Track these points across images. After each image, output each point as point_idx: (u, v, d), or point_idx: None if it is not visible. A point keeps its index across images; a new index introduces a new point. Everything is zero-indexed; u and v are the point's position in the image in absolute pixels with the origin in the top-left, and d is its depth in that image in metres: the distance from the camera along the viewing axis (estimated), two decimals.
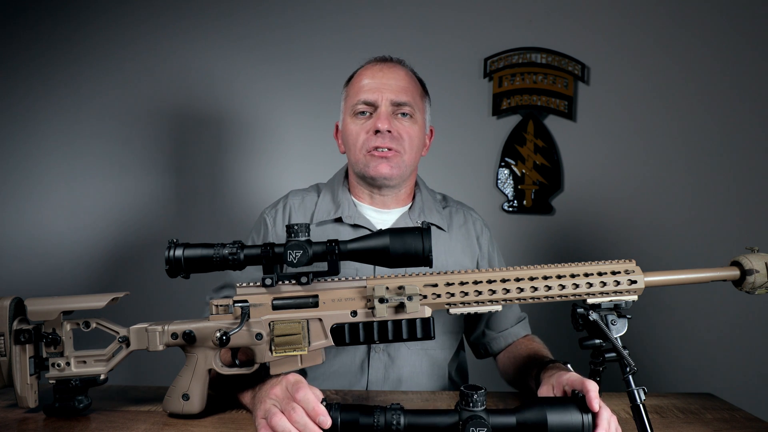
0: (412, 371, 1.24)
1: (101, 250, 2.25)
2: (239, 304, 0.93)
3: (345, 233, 1.26)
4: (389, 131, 1.22)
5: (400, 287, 0.92)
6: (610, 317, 0.91)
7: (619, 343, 0.89)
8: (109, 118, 2.26)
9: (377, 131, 1.21)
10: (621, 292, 0.92)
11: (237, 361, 0.99)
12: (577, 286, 0.92)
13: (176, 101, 2.26)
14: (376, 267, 1.22)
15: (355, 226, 1.27)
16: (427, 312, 0.93)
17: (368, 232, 1.24)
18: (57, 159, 2.25)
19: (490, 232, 1.40)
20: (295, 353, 0.93)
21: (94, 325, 0.98)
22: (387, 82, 1.23)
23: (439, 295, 0.93)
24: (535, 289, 0.92)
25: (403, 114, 1.24)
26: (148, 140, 2.26)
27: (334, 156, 1.37)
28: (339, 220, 1.28)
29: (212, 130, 2.27)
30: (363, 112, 1.24)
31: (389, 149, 1.22)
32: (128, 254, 2.26)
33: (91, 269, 2.24)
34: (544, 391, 0.96)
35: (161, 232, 2.25)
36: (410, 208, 1.32)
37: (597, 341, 0.93)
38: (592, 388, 0.84)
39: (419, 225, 1.27)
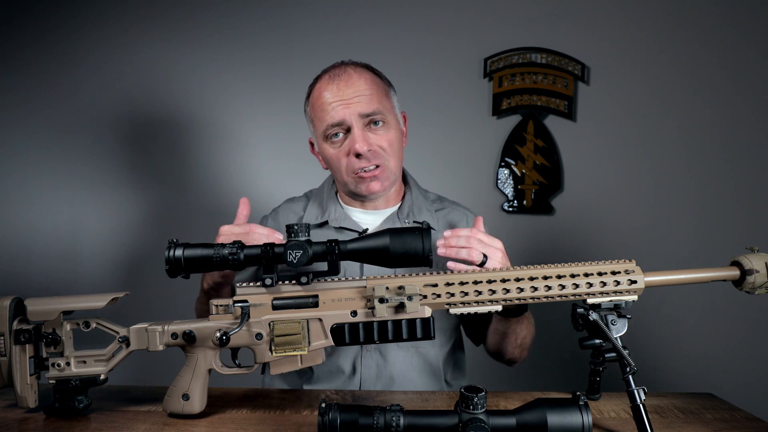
0: (404, 368, 1.23)
1: (101, 250, 2.25)
2: (239, 304, 0.93)
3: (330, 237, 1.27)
4: (369, 150, 1.19)
5: (400, 287, 0.92)
6: (610, 317, 0.91)
7: (619, 343, 0.90)
8: (107, 119, 2.26)
9: (358, 154, 1.18)
10: (621, 292, 0.92)
11: (237, 362, 0.99)
12: (577, 286, 0.92)
13: (171, 104, 2.26)
14: (373, 267, 1.22)
15: (340, 229, 1.27)
16: (427, 312, 0.93)
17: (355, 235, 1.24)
18: (56, 159, 2.25)
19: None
20: (295, 353, 0.93)
21: (94, 325, 0.98)
22: (349, 97, 1.18)
23: (439, 295, 0.93)
24: (535, 289, 0.92)
25: (375, 123, 1.20)
26: (147, 141, 2.26)
27: None
28: (326, 224, 1.28)
29: (213, 130, 2.27)
30: (336, 134, 1.20)
31: (375, 166, 1.21)
32: (128, 254, 2.26)
33: (91, 269, 2.24)
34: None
35: (161, 231, 2.24)
36: (399, 207, 1.31)
37: (597, 341, 0.93)
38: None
39: (417, 224, 1.28)
